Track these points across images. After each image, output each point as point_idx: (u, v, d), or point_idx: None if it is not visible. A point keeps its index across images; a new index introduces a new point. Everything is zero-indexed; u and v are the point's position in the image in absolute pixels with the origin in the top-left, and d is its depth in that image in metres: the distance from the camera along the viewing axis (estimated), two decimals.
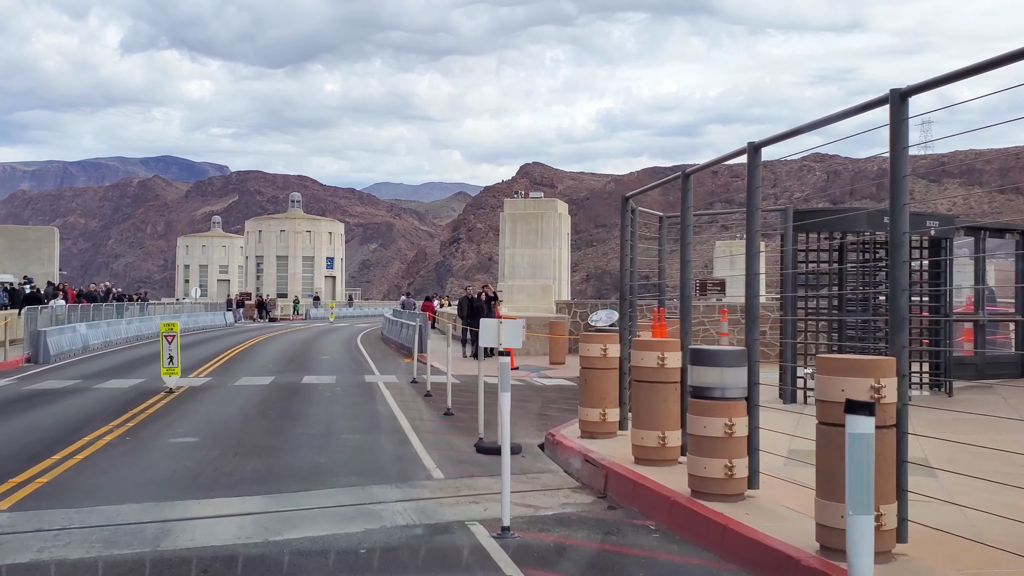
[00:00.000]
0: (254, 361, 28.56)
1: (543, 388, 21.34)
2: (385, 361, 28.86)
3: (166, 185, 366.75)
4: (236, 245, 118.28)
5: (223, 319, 55.25)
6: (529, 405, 17.34)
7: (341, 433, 13.74)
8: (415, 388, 20.41)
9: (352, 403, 17.57)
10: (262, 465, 11.22)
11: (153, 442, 12.97)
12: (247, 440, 13.14)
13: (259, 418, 15.53)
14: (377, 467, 11.14)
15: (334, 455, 11.93)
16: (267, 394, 19.23)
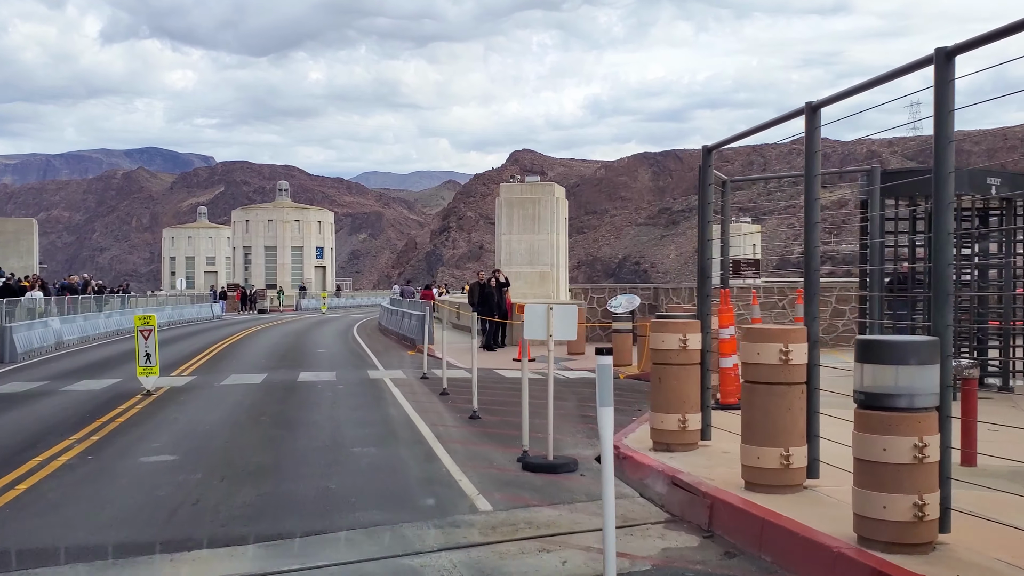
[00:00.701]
0: (243, 356, 26.07)
1: (570, 382, 18.94)
2: (387, 354, 26.40)
3: (151, 177, 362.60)
4: (223, 236, 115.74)
5: (210, 311, 52.65)
6: (564, 403, 14.90)
7: (351, 445, 11.29)
8: (427, 385, 17.97)
9: (359, 405, 15.11)
10: (256, 494, 8.76)
11: (120, 462, 10.50)
12: (237, 457, 10.68)
13: (251, 426, 13.07)
14: (404, 494, 8.71)
15: (346, 477, 9.49)
16: (259, 395, 16.76)
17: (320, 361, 24.16)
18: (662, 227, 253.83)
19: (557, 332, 9.90)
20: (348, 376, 20.00)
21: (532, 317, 9.97)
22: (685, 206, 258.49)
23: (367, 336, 34.87)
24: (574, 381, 19.10)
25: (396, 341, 31.21)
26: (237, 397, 16.49)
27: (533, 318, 9.95)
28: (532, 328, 9.97)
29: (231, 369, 22.07)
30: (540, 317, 9.92)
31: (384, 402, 15.47)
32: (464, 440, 11.62)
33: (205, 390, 17.75)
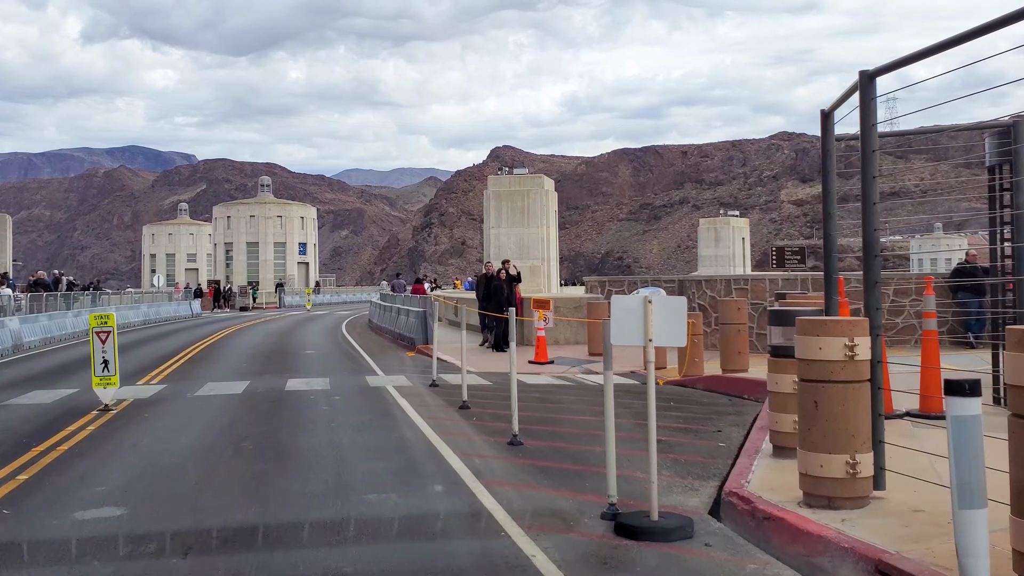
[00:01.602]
0: (223, 359, 22.94)
1: (601, 390, 15.91)
2: (384, 355, 23.33)
3: (132, 175, 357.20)
4: (204, 233, 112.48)
5: (188, 309, 49.32)
6: (617, 421, 11.89)
7: (364, 489, 8.22)
8: (440, 395, 14.93)
9: (363, 424, 12.02)
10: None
11: (45, 521, 7.42)
12: (209, 511, 7.61)
13: (229, 457, 9.98)
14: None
15: (365, 549, 6.45)
16: (240, 410, 13.68)
17: (310, 365, 21.07)
18: (644, 222, 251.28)
19: (660, 335, 6.89)
20: (344, 383, 16.93)
21: (622, 315, 6.96)
22: (666, 201, 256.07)
23: (358, 335, 31.77)
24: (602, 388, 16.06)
25: (391, 340, 28.12)
26: (213, 413, 13.40)
27: (624, 316, 6.95)
28: (622, 330, 6.97)
29: (208, 375, 18.95)
30: (634, 315, 6.92)
31: (393, 419, 12.40)
32: (514, 480, 8.58)
33: (176, 403, 14.65)
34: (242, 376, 18.66)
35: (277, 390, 15.97)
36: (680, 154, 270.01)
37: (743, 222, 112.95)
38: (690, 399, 14.32)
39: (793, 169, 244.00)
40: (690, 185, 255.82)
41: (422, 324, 23.85)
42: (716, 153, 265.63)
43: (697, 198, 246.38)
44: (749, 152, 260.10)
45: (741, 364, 15.73)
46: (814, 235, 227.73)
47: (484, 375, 18.17)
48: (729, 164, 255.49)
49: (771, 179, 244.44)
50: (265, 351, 25.12)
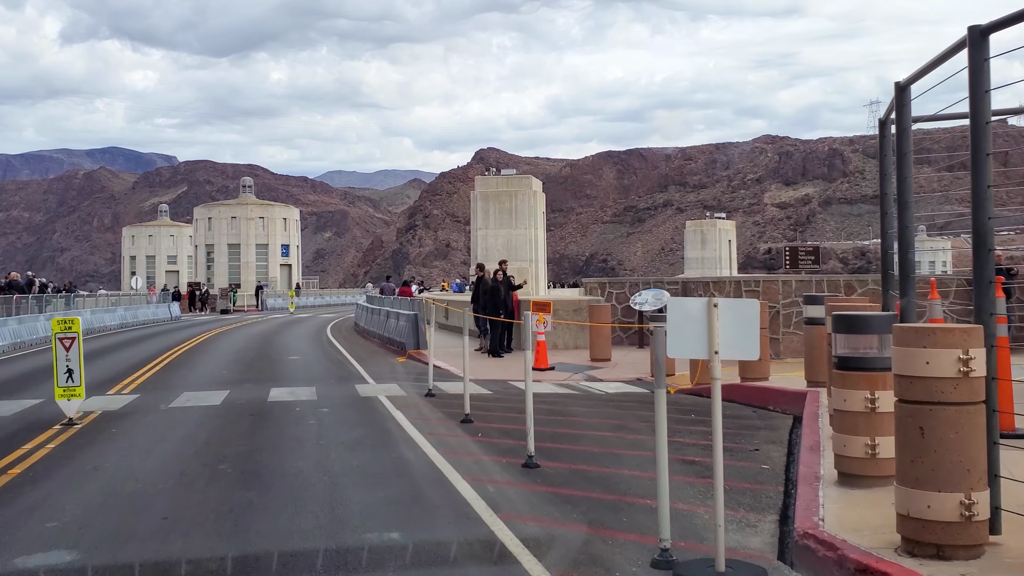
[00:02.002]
0: (202, 365, 21.61)
1: (611, 400, 14.76)
2: (373, 361, 22.05)
3: (112, 177, 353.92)
4: (185, 234, 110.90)
5: (168, 312, 47.80)
6: (639, 438, 10.70)
7: (362, 527, 6.96)
8: (438, 406, 13.67)
9: (356, 442, 10.75)
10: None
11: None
12: (178, 555, 6.34)
13: (204, 484, 8.69)
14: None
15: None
16: (218, 425, 12.39)
17: (294, 372, 19.77)
18: (628, 224, 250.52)
19: (728, 347, 5.68)
20: (332, 393, 15.66)
21: (682, 322, 5.73)
22: (650, 204, 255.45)
23: (344, 339, 30.45)
24: (617, 398, 14.90)
25: (380, 345, 26.83)
26: (188, 428, 12.11)
27: (684, 324, 5.72)
28: (681, 340, 5.75)
29: (185, 384, 17.63)
30: (696, 322, 5.69)
31: (390, 436, 11.14)
32: (537, 512, 7.34)
33: (147, 416, 13.34)
34: (221, 385, 17.36)
35: (259, 401, 14.68)
36: (664, 157, 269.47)
37: (729, 224, 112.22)
38: (707, 409, 13.09)
39: (776, 172, 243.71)
40: (674, 188, 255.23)
41: (413, 328, 22.60)
42: (700, 156, 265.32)
43: (681, 201, 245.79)
44: (733, 155, 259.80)
45: (761, 372, 14.55)
46: (797, 237, 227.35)
47: (483, 383, 16.95)
48: (713, 167, 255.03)
49: (754, 182, 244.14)
50: (246, 357, 23.80)
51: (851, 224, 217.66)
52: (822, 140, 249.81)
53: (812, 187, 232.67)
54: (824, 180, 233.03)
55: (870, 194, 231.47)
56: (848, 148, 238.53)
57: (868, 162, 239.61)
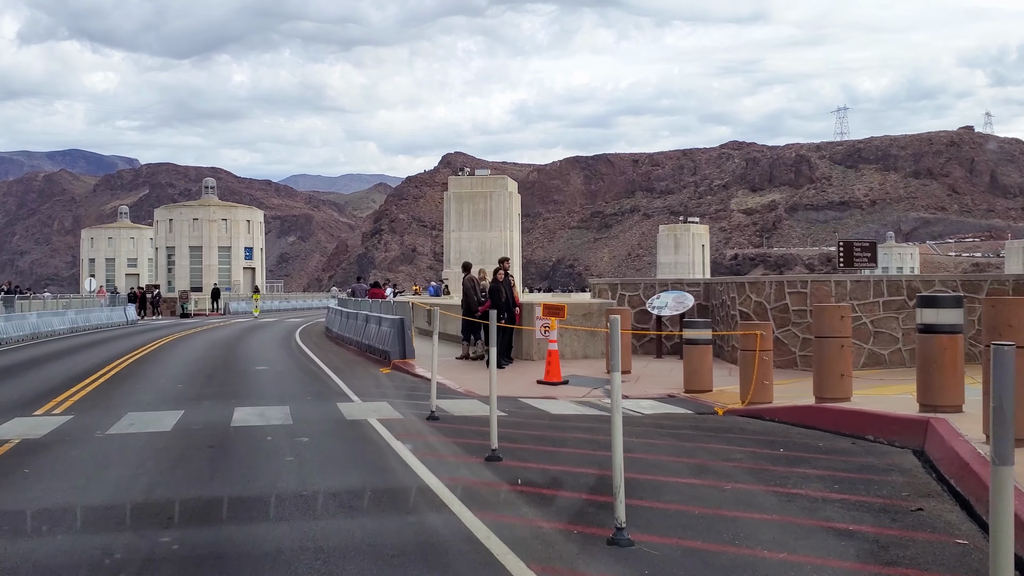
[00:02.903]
0: (154, 377, 18.47)
1: (657, 424, 11.90)
2: (353, 373, 19.01)
3: (73, 179, 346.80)
4: (145, 237, 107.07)
5: (123, 316, 44.31)
6: (726, 486, 7.80)
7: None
8: (447, 433, 10.73)
9: (354, 495, 7.69)
10: None
11: None
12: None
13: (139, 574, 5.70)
14: None
15: None
16: (165, 462, 9.37)
17: (263, 386, 16.71)
18: (595, 230, 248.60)
19: None
20: (310, 414, 12.67)
21: None
22: (617, 209, 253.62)
23: (316, 346, 27.36)
24: (664, 422, 12.04)
25: (358, 353, 23.76)
26: (125, 468, 9.07)
27: None
28: None
29: (131, 401, 14.55)
30: None
31: (398, 484, 8.15)
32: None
33: (76, 448, 10.29)
34: (175, 402, 14.30)
35: (220, 425, 11.66)
36: (631, 162, 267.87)
37: (703, 229, 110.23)
38: (793, 440, 10.30)
39: (743, 178, 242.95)
40: (641, 194, 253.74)
41: (399, 335, 19.63)
42: (667, 162, 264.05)
43: (648, 207, 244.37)
44: (700, 161, 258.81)
45: (843, 391, 11.76)
46: (764, 243, 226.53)
47: (471, 393, 14.08)
48: (680, 173, 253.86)
49: (721, 188, 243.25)
50: (207, 366, 20.67)
51: (817, 230, 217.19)
52: (789, 146, 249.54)
53: (779, 193, 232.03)
54: (791, 186, 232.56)
55: (836, 200, 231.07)
56: (815, 154, 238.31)
57: (835, 168, 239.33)
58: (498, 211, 54.78)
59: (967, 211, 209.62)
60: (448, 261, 55.60)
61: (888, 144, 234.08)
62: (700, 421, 12.27)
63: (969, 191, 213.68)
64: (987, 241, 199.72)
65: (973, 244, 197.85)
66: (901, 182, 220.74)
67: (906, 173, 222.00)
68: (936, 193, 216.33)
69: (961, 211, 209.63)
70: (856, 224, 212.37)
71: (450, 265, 55.34)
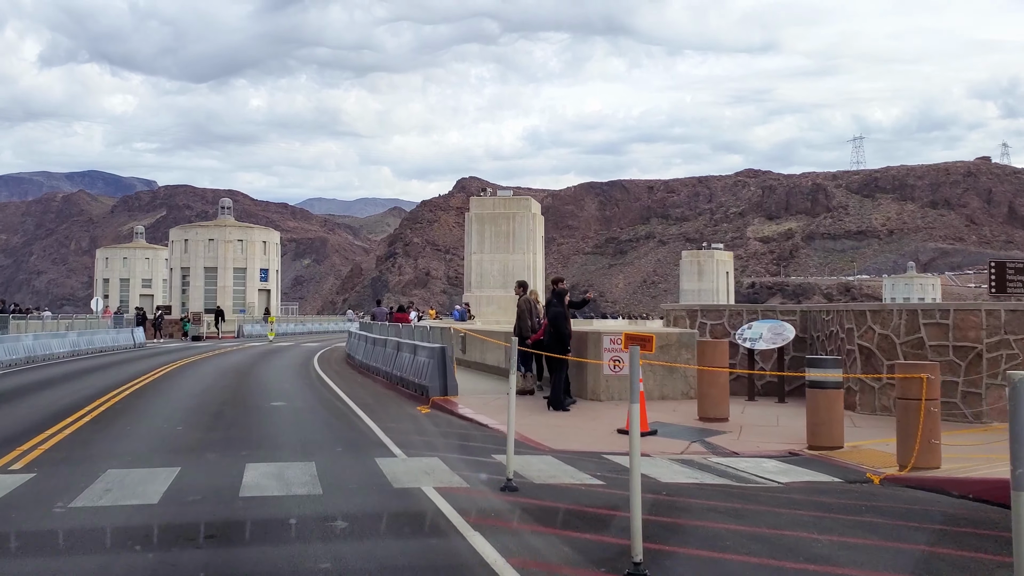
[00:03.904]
0: (150, 416, 15.30)
1: (799, 496, 8.69)
2: (386, 412, 15.79)
3: (91, 200, 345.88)
4: (160, 257, 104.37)
5: (130, 338, 41.23)
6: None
7: None
8: (542, 519, 7.52)
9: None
10: None
11: None
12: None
13: None
14: None
15: None
16: (142, 570, 6.20)
17: (280, 430, 13.52)
18: (609, 256, 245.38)
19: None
20: (344, 477, 9.51)
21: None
22: (632, 236, 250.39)
23: (337, 375, 24.20)
24: (803, 495, 8.83)
25: (387, 386, 20.54)
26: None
27: None
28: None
29: (113, 451, 11.40)
30: None
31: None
32: None
33: (18, 537, 7.13)
34: (171, 453, 11.16)
35: (226, 494, 8.52)
36: (646, 189, 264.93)
37: (727, 255, 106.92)
38: (958, 519, 7.08)
39: (759, 206, 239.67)
40: (656, 220, 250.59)
41: (439, 366, 16.44)
42: (682, 189, 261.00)
43: (663, 233, 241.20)
44: (715, 188, 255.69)
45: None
46: (781, 272, 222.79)
47: (569, 457, 10.90)
48: (695, 200, 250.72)
49: (737, 216, 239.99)
50: (214, 402, 17.49)
51: (835, 259, 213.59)
52: (805, 175, 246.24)
53: (795, 222, 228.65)
54: (807, 215, 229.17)
55: (854, 229, 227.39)
56: (831, 183, 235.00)
57: (852, 197, 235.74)
58: (521, 233, 51.74)
59: (986, 242, 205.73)
60: (469, 284, 52.51)
61: (905, 174, 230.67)
62: (863, 496, 9.07)
63: (987, 222, 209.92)
64: None
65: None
66: (919, 212, 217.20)
67: (923, 203, 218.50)
68: (954, 224, 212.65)
69: (980, 242, 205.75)
70: (874, 254, 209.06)
71: (471, 289, 52.29)
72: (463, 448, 11.71)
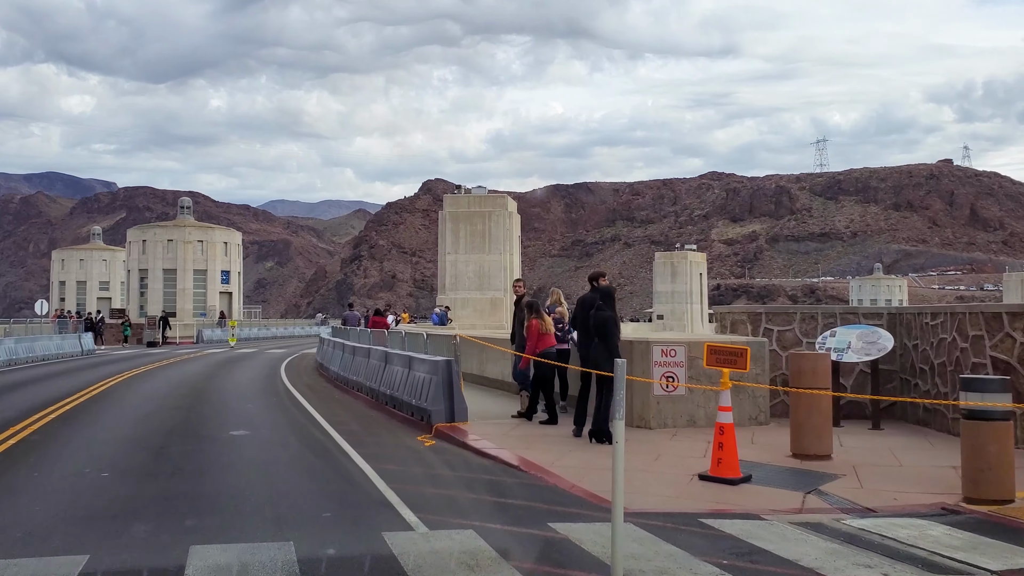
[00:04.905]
0: (69, 455, 11.61)
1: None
2: (380, 444, 12.22)
3: (50, 202, 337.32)
4: (118, 259, 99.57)
5: (78, 345, 37.23)
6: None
7: None
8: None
9: None
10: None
11: None
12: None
13: None
14: None
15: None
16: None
17: (242, 479, 9.93)
18: (576, 259, 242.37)
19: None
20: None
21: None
22: (598, 238, 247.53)
23: (309, 390, 20.58)
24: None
25: (371, 404, 16.93)
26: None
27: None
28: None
29: (17, 516, 7.79)
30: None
31: None
32: None
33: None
34: (81, 527, 7.60)
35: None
36: (612, 191, 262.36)
37: (700, 257, 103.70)
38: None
39: (723, 209, 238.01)
40: (621, 223, 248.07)
41: (444, 385, 12.94)
42: (647, 191, 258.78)
43: (628, 236, 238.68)
44: (680, 191, 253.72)
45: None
46: (746, 274, 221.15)
47: (661, 526, 7.47)
48: (660, 203, 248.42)
49: (702, 218, 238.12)
50: (158, 430, 13.82)
51: (799, 261, 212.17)
52: (769, 177, 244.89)
53: (759, 224, 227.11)
54: (771, 217, 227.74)
55: (817, 232, 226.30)
56: (795, 185, 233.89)
57: (815, 200, 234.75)
58: (498, 232, 48.37)
59: (948, 244, 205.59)
60: (443, 287, 49.12)
61: (868, 176, 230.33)
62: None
63: (949, 224, 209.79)
64: (969, 274, 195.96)
65: (956, 277, 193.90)
66: (882, 214, 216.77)
67: (886, 205, 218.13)
68: (917, 226, 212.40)
69: (942, 244, 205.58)
70: (837, 256, 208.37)
71: (445, 291, 48.92)
72: (501, 509, 8.26)
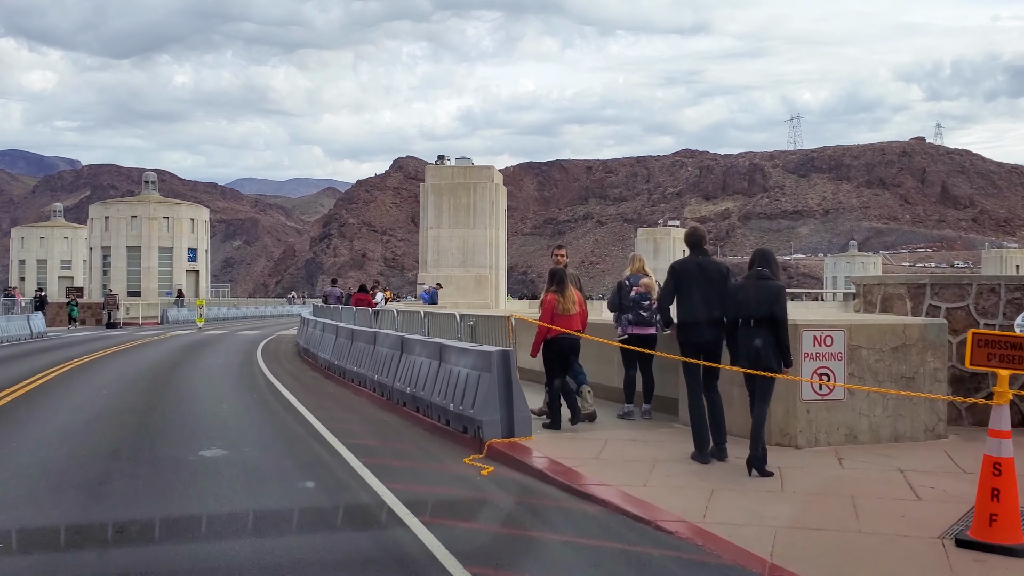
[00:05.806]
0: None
1: None
2: (414, 474, 8.57)
3: (11, 180, 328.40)
4: (80, 237, 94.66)
5: (27, 327, 33.10)
6: None
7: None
8: None
9: None
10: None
11: None
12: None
13: None
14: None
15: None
16: None
17: (223, 545, 6.25)
18: (548, 237, 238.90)
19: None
20: None
21: None
22: (570, 216, 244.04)
23: (294, 380, 16.84)
24: None
25: (382, 405, 13.18)
26: None
27: None
28: None
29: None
30: None
31: None
32: None
33: None
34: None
35: None
36: (585, 169, 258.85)
37: (683, 233, 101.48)
38: None
39: (696, 186, 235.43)
40: (594, 200, 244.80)
41: (500, 386, 9.28)
42: (620, 169, 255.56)
43: (601, 214, 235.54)
44: (653, 169, 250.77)
45: None
46: (718, 252, 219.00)
47: None
48: (633, 180, 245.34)
49: (675, 196, 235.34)
50: (101, 447, 10.04)
51: (771, 239, 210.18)
52: (742, 155, 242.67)
53: (732, 202, 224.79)
54: (744, 195, 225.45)
55: (790, 209, 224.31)
56: (768, 163, 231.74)
57: (788, 177, 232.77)
58: (483, 206, 44.83)
59: (919, 221, 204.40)
60: (425, 263, 45.57)
61: (841, 154, 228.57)
62: None
63: (921, 201, 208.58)
64: (939, 251, 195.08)
65: (925, 254, 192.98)
66: (854, 192, 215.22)
67: (859, 183, 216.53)
68: (888, 203, 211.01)
69: (913, 221, 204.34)
70: (810, 233, 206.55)
71: (427, 268, 45.43)
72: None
